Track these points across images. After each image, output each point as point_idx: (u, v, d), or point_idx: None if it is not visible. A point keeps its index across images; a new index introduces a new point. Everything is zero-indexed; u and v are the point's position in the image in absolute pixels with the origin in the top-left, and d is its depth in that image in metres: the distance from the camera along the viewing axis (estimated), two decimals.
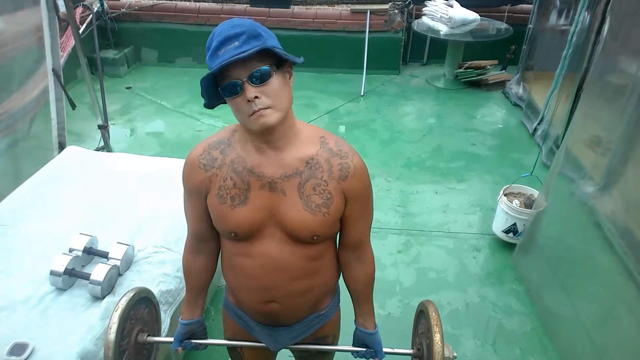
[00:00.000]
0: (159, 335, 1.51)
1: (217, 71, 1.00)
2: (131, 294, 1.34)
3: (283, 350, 1.42)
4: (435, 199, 3.46)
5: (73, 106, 3.10)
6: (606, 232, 2.06)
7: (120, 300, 1.31)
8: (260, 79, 1.02)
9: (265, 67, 1.02)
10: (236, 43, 0.99)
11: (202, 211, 1.23)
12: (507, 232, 2.91)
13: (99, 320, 1.68)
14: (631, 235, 1.92)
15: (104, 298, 1.77)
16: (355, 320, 1.39)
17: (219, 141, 1.19)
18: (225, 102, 1.09)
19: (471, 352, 2.34)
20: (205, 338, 1.42)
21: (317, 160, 1.14)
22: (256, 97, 1.01)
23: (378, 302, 2.55)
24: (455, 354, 1.29)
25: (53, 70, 2.95)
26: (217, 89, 1.06)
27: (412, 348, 1.41)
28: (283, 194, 1.14)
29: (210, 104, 1.10)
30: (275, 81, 1.04)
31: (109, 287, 1.80)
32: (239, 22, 1.02)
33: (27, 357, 1.53)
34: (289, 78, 1.10)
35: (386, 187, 3.58)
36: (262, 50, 1.00)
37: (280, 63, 1.05)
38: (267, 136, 1.10)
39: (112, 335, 1.24)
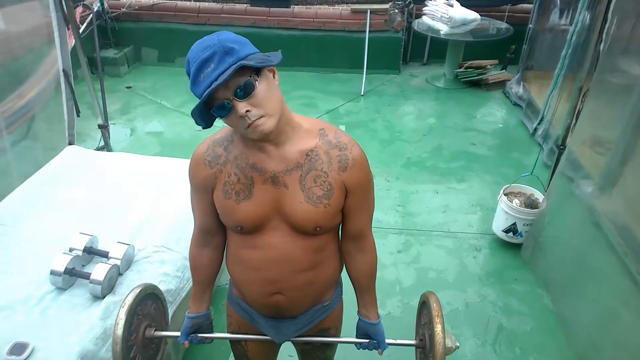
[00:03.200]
0: (167, 330, 1.53)
1: (204, 100, 1.01)
2: (137, 290, 1.36)
3: (285, 343, 1.43)
4: (435, 199, 3.46)
5: (78, 112, 3.11)
6: (606, 232, 2.07)
7: (127, 297, 1.33)
8: (245, 93, 1.02)
9: (247, 80, 1.02)
10: (212, 65, 0.99)
11: (208, 206, 1.25)
12: (507, 231, 2.91)
13: (99, 319, 1.68)
14: (632, 235, 1.92)
15: (104, 297, 1.78)
16: (358, 311, 1.41)
17: (222, 138, 1.21)
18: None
19: (471, 352, 2.34)
20: (211, 332, 1.44)
21: (316, 152, 1.16)
22: (247, 110, 1.03)
23: (378, 301, 2.53)
24: (458, 344, 1.31)
25: (63, 71, 2.95)
26: (208, 111, 1.06)
27: (415, 339, 1.42)
28: (285, 188, 1.16)
29: (207, 125, 1.09)
30: (261, 89, 1.04)
31: (109, 286, 1.80)
32: (208, 43, 1.01)
33: (27, 357, 1.53)
34: (274, 77, 1.10)
35: (386, 187, 3.58)
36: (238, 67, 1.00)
37: (260, 68, 1.05)
38: (266, 137, 1.11)
39: (119, 331, 1.27)
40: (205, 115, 1.07)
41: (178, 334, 1.41)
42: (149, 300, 1.42)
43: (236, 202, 1.18)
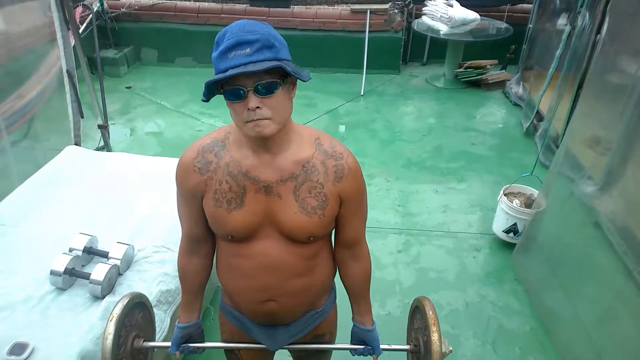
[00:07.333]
0: (153, 338, 1.49)
1: (224, 79, 0.98)
2: (125, 301, 1.31)
3: (280, 350, 1.41)
4: (435, 199, 3.46)
5: (81, 114, 3.11)
6: (606, 232, 2.06)
7: (114, 309, 1.28)
8: (266, 91, 1.01)
9: (273, 81, 1.01)
10: (247, 50, 0.98)
11: (196, 213, 1.22)
12: (507, 232, 2.91)
13: (99, 320, 1.68)
14: (631, 235, 1.92)
15: (104, 298, 1.78)
16: (352, 318, 1.40)
17: (212, 143, 1.17)
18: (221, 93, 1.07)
19: (471, 352, 2.34)
20: (203, 341, 1.41)
21: (312, 163, 1.14)
22: (258, 107, 1.01)
23: (378, 301, 2.55)
24: (451, 348, 1.29)
25: (67, 72, 2.95)
26: (218, 86, 1.04)
27: (409, 344, 1.41)
28: (279, 197, 1.14)
29: (208, 99, 1.07)
30: (280, 94, 1.03)
31: (109, 286, 1.80)
32: (255, 27, 1.00)
33: (27, 357, 1.53)
34: (292, 89, 1.09)
35: (386, 187, 3.58)
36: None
37: (287, 75, 1.04)
38: (262, 142, 1.10)
39: (108, 346, 1.22)
40: (212, 89, 1.04)
41: (168, 344, 1.37)
42: (137, 310, 1.37)
43: (227, 211, 1.15)
